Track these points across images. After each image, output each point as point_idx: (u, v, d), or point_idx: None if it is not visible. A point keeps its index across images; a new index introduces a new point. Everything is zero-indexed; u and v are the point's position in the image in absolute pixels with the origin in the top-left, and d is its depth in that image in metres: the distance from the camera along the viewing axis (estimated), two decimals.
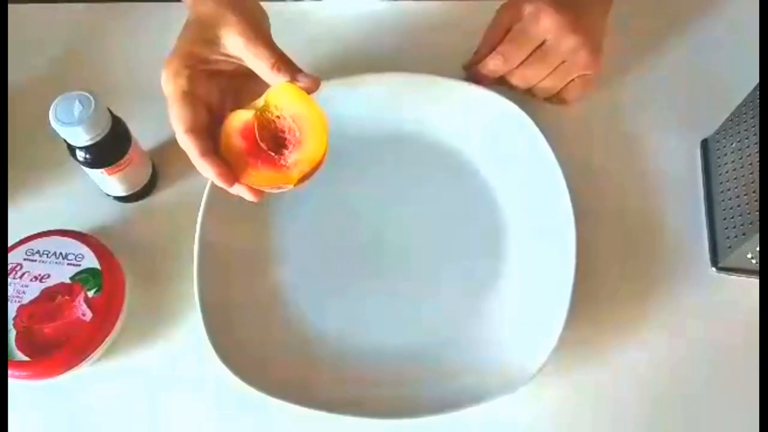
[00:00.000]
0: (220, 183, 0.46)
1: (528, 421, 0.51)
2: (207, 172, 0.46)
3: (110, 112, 0.53)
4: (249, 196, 0.47)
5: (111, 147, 0.54)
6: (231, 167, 0.46)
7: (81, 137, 0.51)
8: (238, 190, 0.47)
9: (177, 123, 0.46)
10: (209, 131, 0.46)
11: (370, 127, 0.60)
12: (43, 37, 0.69)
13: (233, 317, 0.53)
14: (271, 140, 0.46)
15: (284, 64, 0.47)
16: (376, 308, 0.54)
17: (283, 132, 0.46)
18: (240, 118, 0.46)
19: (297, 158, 0.46)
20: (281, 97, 0.46)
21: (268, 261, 0.56)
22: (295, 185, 0.46)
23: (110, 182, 0.56)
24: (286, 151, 0.46)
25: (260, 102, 0.46)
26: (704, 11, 0.67)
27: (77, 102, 0.50)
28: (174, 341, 0.54)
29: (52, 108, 0.50)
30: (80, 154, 0.53)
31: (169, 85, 0.46)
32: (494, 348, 0.51)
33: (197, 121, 0.46)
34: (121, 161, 0.55)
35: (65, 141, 0.52)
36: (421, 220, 0.57)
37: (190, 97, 0.46)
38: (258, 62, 0.47)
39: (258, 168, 0.46)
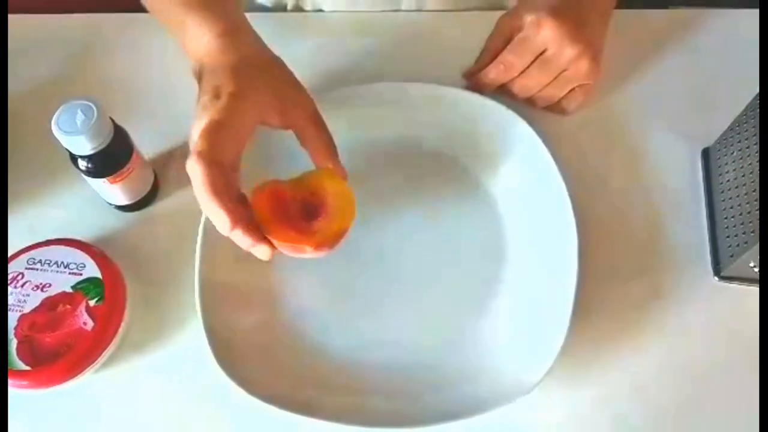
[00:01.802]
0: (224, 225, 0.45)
1: (528, 430, 0.50)
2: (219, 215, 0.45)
3: (112, 121, 0.53)
4: (263, 253, 0.47)
5: (113, 156, 0.54)
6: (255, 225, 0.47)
7: (83, 146, 0.51)
8: (253, 246, 0.47)
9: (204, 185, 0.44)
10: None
11: (370, 136, 0.61)
12: (45, 46, 0.69)
13: (235, 326, 0.53)
14: (302, 209, 0.50)
15: (335, 149, 0.52)
16: (377, 316, 0.54)
17: (315, 204, 0.50)
18: (275, 186, 0.49)
19: (322, 227, 0.49)
20: (320, 176, 0.51)
21: (270, 270, 0.56)
22: (315, 248, 0.48)
23: (112, 191, 0.56)
24: (314, 221, 0.49)
25: (298, 175, 0.51)
26: (705, 21, 0.68)
27: (80, 111, 0.50)
28: (176, 350, 0.54)
29: (54, 117, 0.50)
30: (82, 164, 0.53)
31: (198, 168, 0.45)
32: (496, 357, 0.51)
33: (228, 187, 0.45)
34: (123, 170, 0.55)
35: (67, 150, 0.52)
36: (422, 229, 0.57)
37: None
38: (315, 144, 0.51)
39: (285, 226, 0.48)
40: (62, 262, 0.53)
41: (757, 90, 0.52)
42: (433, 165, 0.60)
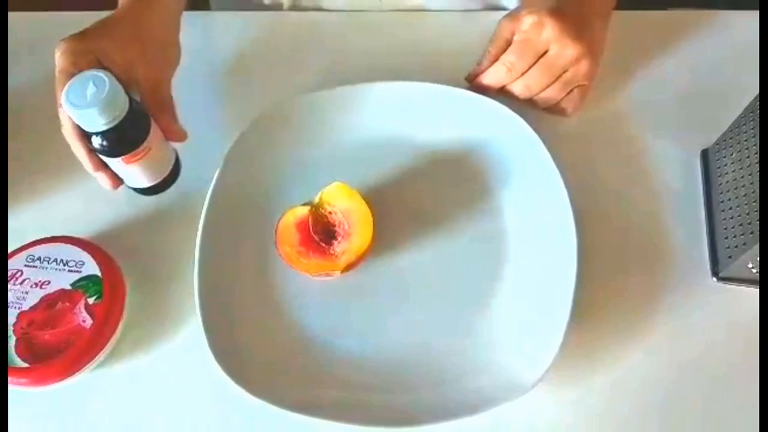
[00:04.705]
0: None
1: (527, 429, 0.50)
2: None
3: (127, 94, 0.48)
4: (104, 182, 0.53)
5: (130, 131, 0.49)
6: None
7: (95, 121, 0.47)
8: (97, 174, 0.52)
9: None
10: None
11: (371, 135, 0.61)
12: (44, 43, 0.69)
13: (234, 323, 0.53)
14: (324, 232, 0.54)
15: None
16: (377, 314, 0.54)
17: (334, 225, 0.54)
18: (296, 213, 0.54)
19: (345, 248, 0.53)
20: (334, 194, 0.54)
21: (269, 267, 0.56)
22: (342, 272, 0.52)
23: (130, 172, 0.52)
24: (335, 242, 0.53)
25: (315, 199, 0.54)
26: (704, 22, 0.68)
27: (91, 83, 0.46)
28: (174, 347, 0.54)
29: (64, 90, 0.47)
30: (96, 141, 0.49)
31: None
32: (494, 356, 0.51)
33: None
34: (140, 148, 0.50)
35: (81, 129, 0.48)
36: (422, 227, 0.57)
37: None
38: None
39: (310, 257, 0.53)
40: (61, 260, 0.53)
41: (756, 92, 0.53)
42: (433, 165, 0.60)
